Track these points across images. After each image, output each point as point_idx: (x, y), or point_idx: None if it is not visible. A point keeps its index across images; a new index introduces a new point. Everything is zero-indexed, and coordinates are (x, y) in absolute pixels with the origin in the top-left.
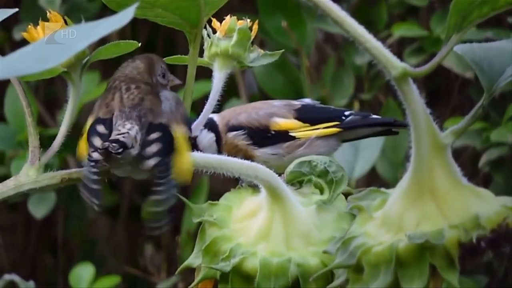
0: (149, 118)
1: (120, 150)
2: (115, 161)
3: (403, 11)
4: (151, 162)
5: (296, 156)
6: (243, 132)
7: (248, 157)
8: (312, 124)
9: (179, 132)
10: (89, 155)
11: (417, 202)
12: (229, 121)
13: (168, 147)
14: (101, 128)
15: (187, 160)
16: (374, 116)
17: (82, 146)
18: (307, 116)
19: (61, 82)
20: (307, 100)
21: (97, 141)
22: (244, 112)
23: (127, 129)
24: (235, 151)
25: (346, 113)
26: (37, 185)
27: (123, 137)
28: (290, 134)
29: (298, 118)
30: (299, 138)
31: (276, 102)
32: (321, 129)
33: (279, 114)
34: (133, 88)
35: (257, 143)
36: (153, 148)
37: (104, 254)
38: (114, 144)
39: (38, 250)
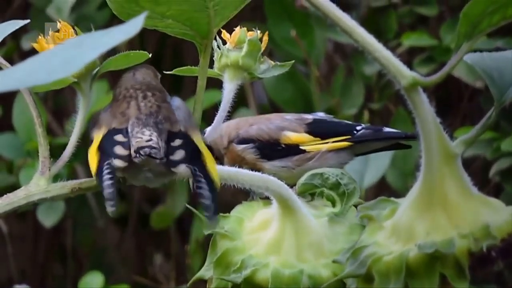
0: (166, 126)
1: (159, 156)
2: (138, 168)
3: (413, 21)
4: (180, 168)
5: (306, 169)
6: (252, 146)
7: (256, 169)
8: (323, 138)
9: (198, 138)
10: (108, 164)
11: (427, 211)
12: (238, 132)
13: (193, 153)
14: (119, 137)
15: (214, 163)
16: (387, 129)
17: (93, 157)
18: (318, 130)
19: (70, 91)
20: (321, 114)
21: (120, 150)
22: (256, 123)
23: (148, 136)
24: (242, 163)
25: (358, 127)
26: (47, 195)
27: (152, 142)
28: (300, 147)
29: (309, 132)
30: (309, 151)
31: (289, 116)
32: (331, 143)
33: (290, 128)
34: (150, 96)
35: (266, 156)
36: (179, 155)
37: (113, 262)
38: (154, 150)
39: (47, 258)
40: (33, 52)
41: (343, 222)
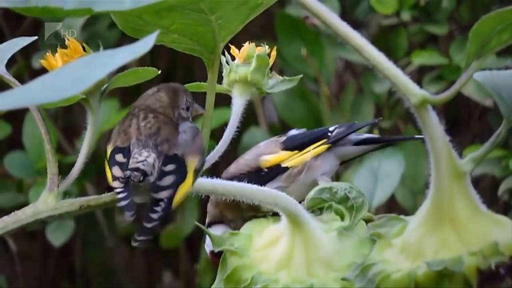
0: (164, 148)
1: (141, 179)
2: (135, 188)
3: (423, 39)
4: (165, 193)
5: (300, 183)
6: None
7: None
8: (300, 149)
9: (192, 164)
10: (112, 183)
11: (436, 229)
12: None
13: (181, 180)
14: (119, 157)
15: (187, 190)
16: (360, 123)
17: (107, 171)
18: (293, 144)
19: (80, 109)
20: (293, 131)
21: (117, 171)
22: (233, 164)
23: (144, 157)
24: (238, 208)
25: (331, 129)
26: (55, 212)
27: (143, 164)
28: (282, 166)
29: (285, 148)
30: (292, 166)
31: (262, 143)
32: (312, 150)
33: (266, 152)
34: (151, 117)
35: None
36: (168, 181)
37: (123, 282)
38: (135, 173)
39: (56, 278)
40: (43, 71)
41: (352, 236)
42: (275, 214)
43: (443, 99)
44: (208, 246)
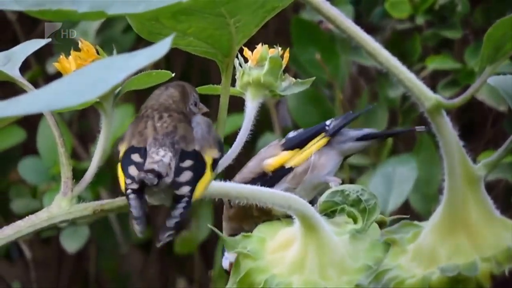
0: (181, 145)
1: (155, 181)
2: (150, 190)
3: (437, 44)
4: (184, 189)
5: (306, 184)
6: None
7: (263, 210)
8: (301, 147)
9: (210, 156)
10: (126, 184)
11: (449, 234)
12: None
13: (200, 175)
14: (136, 157)
15: (206, 182)
16: (354, 113)
17: (120, 172)
18: (293, 144)
19: (95, 115)
20: (291, 133)
21: (133, 170)
22: (237, 174)
23: (160, 156)
24: (249, 214)
25: (327, 122)
26: (69, 216)
27: (158, 166)
28: (286, 167)
29: (286, 149)
30: (296, 165)
31: (262, 149)
32: (312, 146)
33: (268, 155)
34: (166, 116)
35: None
36: (185, 176)
37: None
38: (150, 175)
39: (70, 284)
40: (58, 76)
41: (365, 238)
42: (288, 217)
43: (457, 103)
44: (226, 258)
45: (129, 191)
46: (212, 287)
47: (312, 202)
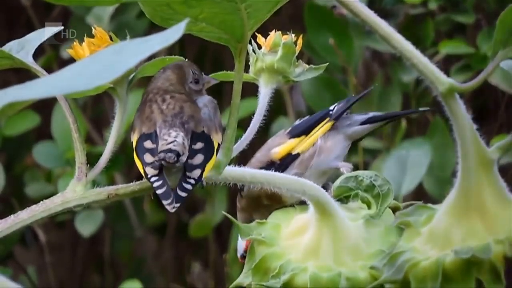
0: (191, 125)
1: (175, 159)
2: (169, 171)
3: (450, 29)
4: (196, 172)
5: (314, 168)
6: None
7: (270, 195)
8: (307, 134)
9: (216, 141)
10: (144, 171)
11: (463, 217)
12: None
13: (209, 157)
14: (148, 144)
15: (211, 166)
16: (356, 95)
17: (137, 160)
18: (298, 131)
19: (109, 100)
20: (297, 121)
21: (148, 157)
22: (247, 164)
23: (173, 137)
24: (261, 202)
25: (331, 107)
26: (83, 201)
27: (174, 145)
28: (293, 153)
29: (292, 136)
30: (303, 151)
31: (269, 139)
32: (317, 131)
33: (274, 144)
34: (168, 98)
35: None
36: (198, 159)
37: (152, 272)
38: (169, 154)
39: (85, 268)
40: (72, 61)
41: (379, 224)
42: (301, 203)
43: (470, 86)
44: (239, 251)
45: (151, 176)
46: (227, 270)
47: (324, 188)
